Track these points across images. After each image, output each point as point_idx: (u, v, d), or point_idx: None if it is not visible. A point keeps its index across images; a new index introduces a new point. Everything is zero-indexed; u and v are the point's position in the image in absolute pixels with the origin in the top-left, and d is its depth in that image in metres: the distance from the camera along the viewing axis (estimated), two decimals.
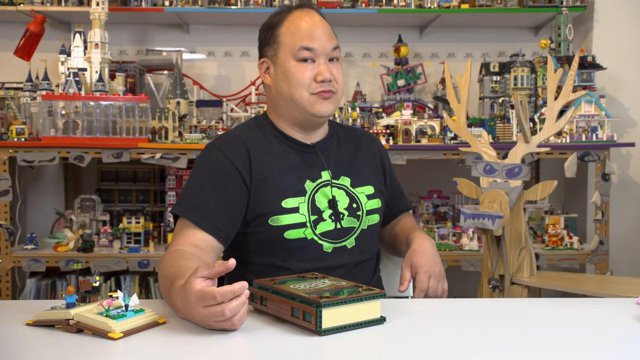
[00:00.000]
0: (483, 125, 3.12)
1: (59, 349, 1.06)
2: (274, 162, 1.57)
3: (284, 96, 1.58)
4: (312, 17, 1.58)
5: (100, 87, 3.00)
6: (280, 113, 1.63)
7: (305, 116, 1.58)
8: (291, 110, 1.59)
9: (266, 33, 1.62)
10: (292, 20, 1.58)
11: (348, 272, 1.57)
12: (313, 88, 1.55)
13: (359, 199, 1.63)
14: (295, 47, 1.55)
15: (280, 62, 1.57)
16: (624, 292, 1.57)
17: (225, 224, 1.49)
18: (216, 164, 1.54)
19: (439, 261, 1.61)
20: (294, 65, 1.55)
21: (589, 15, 3.39)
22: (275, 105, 1.63)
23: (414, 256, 1.60)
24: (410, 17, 3.38)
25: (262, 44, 1.64)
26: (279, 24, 1.60)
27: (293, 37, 1.56)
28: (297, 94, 1.55)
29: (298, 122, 1.61)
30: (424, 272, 1.56)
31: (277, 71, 1.58)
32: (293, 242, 1.53)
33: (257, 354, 1.05)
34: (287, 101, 1.58)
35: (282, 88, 1.58)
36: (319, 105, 1.56)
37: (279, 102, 1.61)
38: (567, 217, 3.17)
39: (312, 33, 1.56)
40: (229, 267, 1.12)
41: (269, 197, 1.53)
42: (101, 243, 3.07)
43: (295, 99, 1.56)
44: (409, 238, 1.68)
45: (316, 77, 1.55)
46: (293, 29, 1.57)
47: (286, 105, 1.59)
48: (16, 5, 3.16)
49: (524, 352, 1.05)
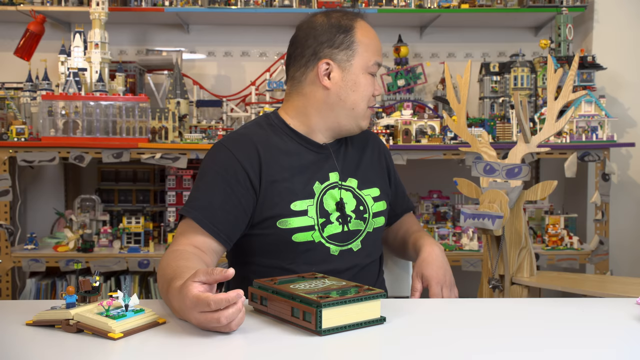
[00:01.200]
0: (483, 125, 3.12)
1: (59, 349, 1.06)
2: (286, 161, 1.55)
3: (345, 103, 1.56)
4: (374, 32, 1.61)
5: (100, 87, 3.00)
6: (322, 116, 1.59)
7: (351, 126, 1.60)
8: (342, 118, 1.58)
9: (336, 35, 1.56)
10: (364, 31, 1.58)
11: (355, 275, 1.57)
12: (371, 102, 1.60)
13: (366, 201, 1.62)
14: (370, 61, 1.57)
15: (354, 71, 1.56)
16: (624, 292, 1.57)
17: (229, 226, 1.48)
18: (225, 164, 1.52)
19: (449, 268, 1.62)
20: (366, 78, 1.57)
21: (589, 15, 3.39)
22: (323, 109, 1.58)
23: (424, 267, 1.60)
24: (410, 17, 3.38)
25: (329, 44, 1.56)
26: (352, 29, 1.57)
27: (368, 50, 1.57)
28: (362, 105, 1.58)
29: (336, 129, 1.60)
30: (436, 284, 1.57)
31: (347, 78, 1.56)
32: (301, 245, 1.52)
33: (257, 354, 1.05)
34: (347, 109, 1.57)
35: (348, 96, 1.56)
36: (367, 120, 1.62)
37: (334, 107, 1.57)
38: (567, 217, 3.17)
39: (380, 50, 1.61)
40: (228, 276, 1.11)
41: (278, 200, 1.51)
42: (101, 243, 3.07)
43: (356, 109, 1.57)
44: (417, 244, 1.68)
45: (374, 92, 1.60)
46: (367, 41, 1.57)
47: (340, 112, 1.58)
48: (16, 5, 3.16)
49: (524, 352, 1.05)
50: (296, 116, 1.61)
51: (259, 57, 3.57)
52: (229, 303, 1.07)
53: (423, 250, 1.64)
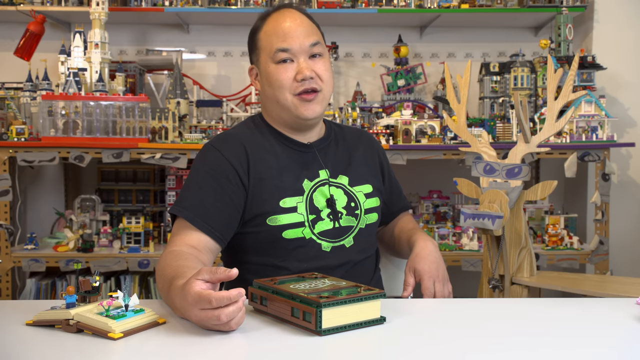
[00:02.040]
0: (483, 125, 3.12)
1: (59, 349, 1.06)
2: (273, 161, 1.57)
3: (270, 100, 1.59)
4: (288, 17, 1.57)
5: (100, 87, 3.00)
6: (272, 116, 1.64)
7: (292, 119, 1.58)
8: (280, 113, 1.60)
9: (250, 40, 1.64)
10: (270, 23, 1.59)
11: (348, 271, 1.57)
12: (294, 88, 1.54)
13: (357, 197, 1.63)
14: (272, 50, 1.55)
15: (262, 67, 1.59)
16: (624, 292, 1.57)
17: (222, 224, 1.49)
18: (214, 164, 1.54)
19: (442, 263, 1.61)
20: (274, 68, 1.55)
21: (589, 15, 3.39)
22: (267, 108, 1.65)
23: (417, 261, 1.59)
24: (410, 17, 3.38)
25: (249, 50, 1.66)
26: (259, 29, 1.61)
27: (269, 40, 1.56)
28: (281, 96, 1.55)
29: (289, 124, 1.61)
30: (428, 278, 1.56)
31: (262, 76, 1.60)
32: (291, 241, 1.53)
33: (257, 354, 1.05)
34: (274, 104, 1.59)
35: (267, 92, 1.59)
36: (302, 108, 1.55)
37: (268, 105, 1.63)
38: (567, 217, 3.17)
39: (287, 33, 1.55)
40: (231, 276, 1.12)
41: (267, 197, 1.52)
42: (101, 243, 3.07)
43: (280, 101, 1.56)
44: (410, 240, 1.68)
45: (296, 76, 1.54)
46: (269, 31, 1.57)
47: (274, 109, 1.60)
48: (16, 5, 3.16)
49: (524, 352, 1.05)
50: (268, 119, 1.66)
51: None
52: (230, 301, 1.07)
53: (416, 245, 1.63)
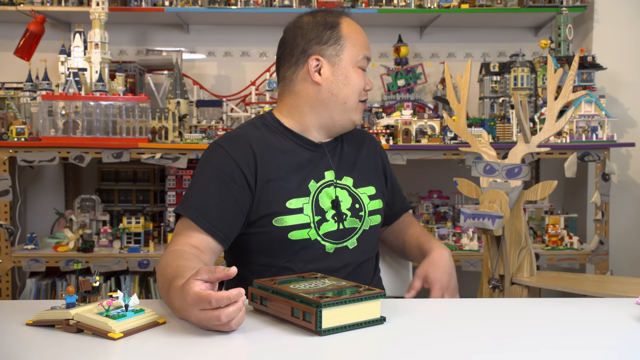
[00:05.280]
0: (483, 125, 3.12)
1: (59, 349, 1.06)
2: (281, 160, 1.56)
3: (337, 98, 1.58)
4: (360, 28, 1.65)
5: (100, 87, 3.00)
6: (315, 113, 1.60)
7: (344, 121, 1.61)
8: (335, 114, 1.60)
9: (323, 31, 1.59)
10: (351, 27, 1.62)
11: (350, 273, 1.57)
12: (362, 95, 1.62)
13: (362, 199, 1.63)
14: (359, 55, 1.60)
15: (344, 65, 1.59)
16: (624, 292, 1.57)
17: (226, 225, 1.49)
18: (220, 164, 1.53)
19: (454, 274, 1.63)
20: (356, 72, 1.60)
21: (589, 15, 3.39)
22: (315, 105, 1.60)
23: (431, 269, 1.60)
24: (410, 17, 3.38)
25: (317, 41, 1.58)
26: (338, 25, 1.61)
27: (356, 45, 1.60)
28: (353, 98, 1.59)
29: (330, 126, 1.61)
30: (438, 289, 1.57)
31: (337, 73, 1.58)
32: (297, 242, 1.53)
33: (257, 354, 1.05)
34: (339, 104, 1.59)
35: (340, 90, 1.58)
36: (359, 115, 1.63)
37: (327, 102, 1.59)
38: (567, 217, 3.17)
39: (368, 45, 1.63)
40: (230, 275, 1.11)
41: (273, 198, 1.52)
42: (101, 243, 3.07)
43: (349, 102, 1.59)
44: (424, 246, 1.69)
45: (365, 86, 1.62)
46: (354, 35, 1.61)
47: (333, 107, 1.59)
48: (16, 5, 3.16)
49: (524, 352, 1.05)
50: (290, 115, 1.63)
51: (259, 57, 3.57)
52: (230, 301, 1.07)
53: (433, 251, 1.64)
